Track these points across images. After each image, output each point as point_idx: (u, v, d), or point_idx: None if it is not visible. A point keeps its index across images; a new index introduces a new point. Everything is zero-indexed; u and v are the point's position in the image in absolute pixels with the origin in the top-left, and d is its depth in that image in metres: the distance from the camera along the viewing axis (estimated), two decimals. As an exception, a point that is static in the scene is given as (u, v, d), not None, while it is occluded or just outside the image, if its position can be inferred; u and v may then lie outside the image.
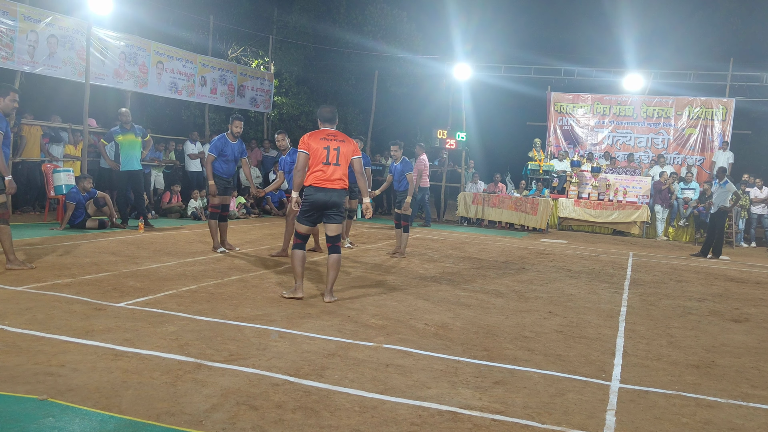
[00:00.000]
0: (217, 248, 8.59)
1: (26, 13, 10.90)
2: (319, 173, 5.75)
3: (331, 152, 5.77)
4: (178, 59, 14.49)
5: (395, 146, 9.25)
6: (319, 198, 5.77)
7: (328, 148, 5.77)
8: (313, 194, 5.77)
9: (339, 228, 5.97)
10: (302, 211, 5.88)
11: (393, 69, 20.60)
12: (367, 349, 4.42)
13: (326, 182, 5.76)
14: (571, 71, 18.41)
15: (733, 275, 9.53)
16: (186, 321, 4.85)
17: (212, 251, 8.55)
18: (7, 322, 4.47)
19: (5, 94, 6.34)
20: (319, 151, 5.76)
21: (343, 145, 5.85)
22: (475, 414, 3.36)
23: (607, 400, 3.70)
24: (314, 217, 5.90)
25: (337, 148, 5.80)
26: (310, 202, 5.81)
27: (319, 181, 5.76)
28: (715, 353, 4.92)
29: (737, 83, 17.13)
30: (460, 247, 10.96)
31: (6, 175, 6.23)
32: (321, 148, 5.76)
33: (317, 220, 5.95)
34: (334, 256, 5.93)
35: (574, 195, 16.00)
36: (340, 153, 5.81)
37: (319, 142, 5.78)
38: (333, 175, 5.77)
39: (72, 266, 6.79)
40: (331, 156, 5.77)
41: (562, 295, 6.96)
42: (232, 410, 3.21)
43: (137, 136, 10.78)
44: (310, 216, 5.88)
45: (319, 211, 5.86)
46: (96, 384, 3.43)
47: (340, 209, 5.91)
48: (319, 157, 5.75)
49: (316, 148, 5.76)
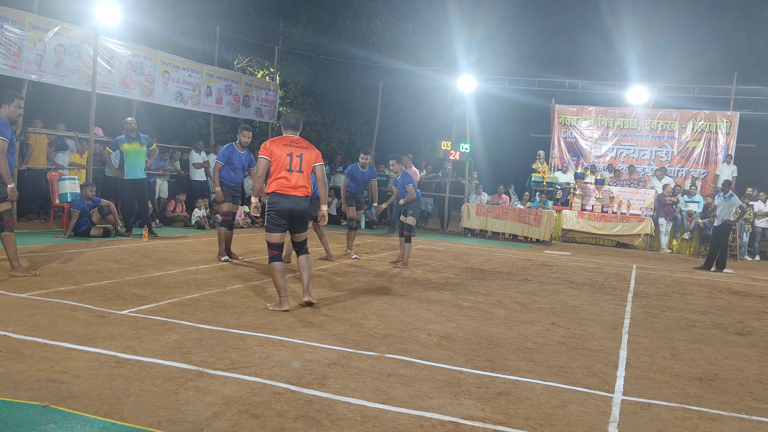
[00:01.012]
0: (222, 256, 8.62)
1: (34, 22, 10.99)
2: (282, 180, 5.77)
3: (294, 159, 5.80)
4: (184, 69, 14.58)
5: (393, 161, 9.38)
6: (285, 205, 5.78)
7: (291, 155, 5.79)
8: (279, 202, 5.77)
9: (306, 235, 6.05)
10: (270, 221, 5.85)
11: (398, 81, 20.67)
12: (369, 358, 4.41)
13: (290, 189, 5.78)
14: (575, 84, 18.45)
15: (736, 288, 9.50)
16: (188, 329, 4.85)
17: (216, 258, 8.58)
18: (11, 329, 4.48)
19: (10, 101, 6.37)
20: (282, 157, 5.77)
21: (306, 152, 5.89)
22: (477, 425, 3.35)
23: (610, 412, 3.69)
24: (283, 225, 5.87)
25: (300, 155, 5.84)
26: (277, 210, 5.79)
27: (282, 188, 5.77)
28: (719, 366, 4.90)
29: (741, 97, 17.14)
30: (464, 258, 10.95)
31: (9, 183, 6.27)
32: (284, 155, 5.78)
33: (286, 227, 5.92)
34: (303, 257, 6.03)
35: (578, 207, 15.99)
36: (303, 160, 5.84)
37: (282, 149, 5.80)
38: (296, 183, 5.80)
39: (76, 274, 6.81)
40: (294, 163, 5.79)
41: (565, 307, 6.95)
42: (234, 418, 3.20)
43: (142, 145, 10.80)
44: (279, 225, 5.85)
45: (287, 218, 5.85)
46: (98, 391, 3.43)
47: (307, 217, 5.97)
48: (282, 163, 5.76)
49: (278, 155, 5.78)
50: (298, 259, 6.06)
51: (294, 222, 5.91)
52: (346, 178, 10.05)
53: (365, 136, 21.06)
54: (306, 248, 6.08)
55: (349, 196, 10.10)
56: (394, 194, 9.95)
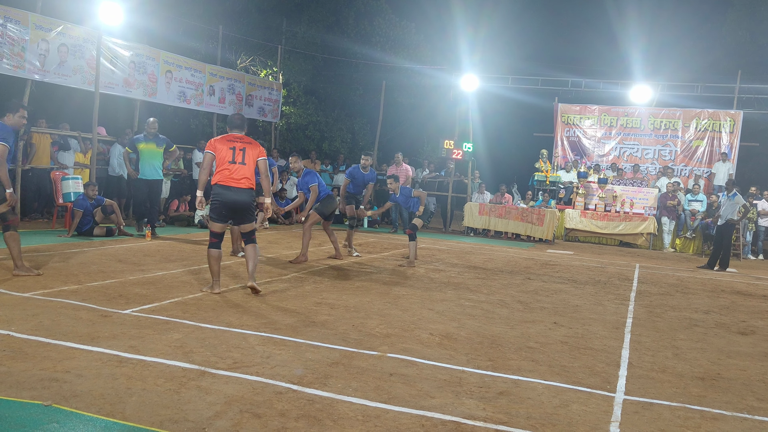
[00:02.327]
0: (237, 253, 8.92)
1: (38, 22, 11.02)
2: (225, 172, 6.07)
3: (237, 152, 6.10)
4: (187, 68, 14.60)
5: (390, 180, 9.59)
6: (228, 196, 6.07)
7: (234, 148, 6.11)
8: (221, 193, 6.08)
9: (252, 226, 6.32)
10: (212, 210, 6.18)
11: (400, 80, 20.67)
12: (371, 358, 4.42)
13: (232, 181, 6.07)
14: (579, 83, 18.43)
15: (740, 288, 9.48)
16: (191, 328, 4.86)
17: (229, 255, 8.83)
18: (14, 328, 4.50)
19: (15, 110, 6.43)
20: (225, 151, 6.08)
21: (249, 146, 6.19)
22: (478, 424, 3.35)
23: (612, 412, 3.69)
24: (225, 216, 6.18)
25: (243, 149, 6.14)
26: (219, 201, 6.08)
27: (224, 179, 6.07)
28: (721, 366, 4.89)
29: (745, 95, 17.11)
30: (466, 257, 10.95)
31: (8, 187, 6.30)
32: (227, 149, 6.09)
33: (227, 218, 6.23)
34: (250, 246, 6.34)
35: (581, 206, 15.97)
36: (246, 153, 6.13)
37: (226, 143, 6.12)
38: (238, 173, 6.07)
39: (79, 273, 6.83)
40: (237, 156, 6.10)
41: (567, 306, 6.94)
42: (236, 418, 3.21)
43: (159, 147, 10.80)
44: (220, 214, 6.14)
45: (229, 209, 6.14)
46: (100, 390, 3.44)
47: (250, 209, 6.22)
48: (225, 157, 6.06)
49: (221, 149, 6.09)
50: (245, 248, 6.38)
51: (237, 213, 6.21)
52: (347, 178, 10.19)
53: (368, 135, 21.07)
54: (253, 238, 6.39)
55: (348, 196, 10.24)
56: (385, 206, 10.38)
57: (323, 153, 20.07)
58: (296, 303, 6.10)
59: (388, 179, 9.58)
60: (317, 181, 8.73)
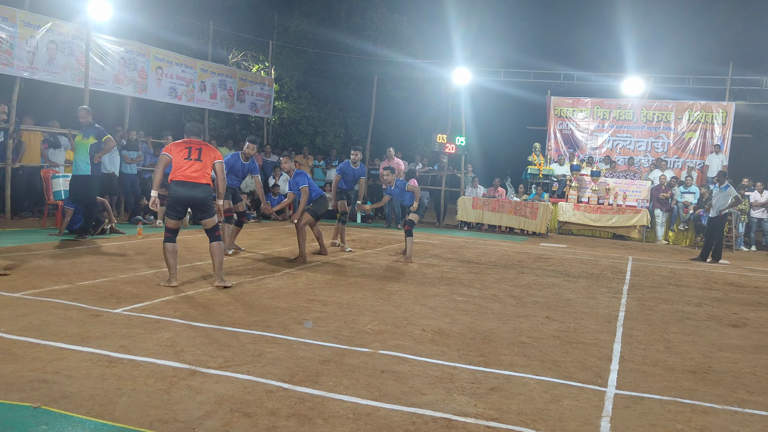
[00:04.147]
0: (228, 249, 8.88)
1: (26, 19, 10.93)
2: (180, 169, 6.24)
3: (193, 152, 6.32)
4: (177, 64, 14.52)
5: (387, 171, 9.55)
6: (182, 193, 6.24)
7: (189, 148, 6.31)
8: (176, 189, 6.24)
9: (213, 221, 6.42)
10: (168, 206, 6.34)
11: (393, 73, 20.60)
12: (362, 355, 4.41)
13: (186, 177, 6.22)
14: (571, 75, 18.42)
15: (732, 279, 9.51)
16: (182, 327, 4.84)
17: None
18: (3, 329, 4.47)
19: None
20: (181, 151, 6.29)
21: (205, 147, 6.39)
22: (469, 421, 3.35)
23: (603, 407, 3.69)
24: (180, 212, 6.36)
25: (198, 149, 6.34)
26: (174, 197, 6.26)
27: (179, 176, 6.24)
28: (712, 359, 4.90)
29: (737, 87, 17.13)
30: (459, 252, 10.95)
31: None
32: (183, 148, 6.30)
33: (182, 214, 6.41)
34: (215, 243, 6.45)
35: (574, 199, 15.99)
36: (201, 153, 6.33)
37: (181, 145, 6.34)
38: (192, 169, 6.24)
39: (69, 272, 6.80)
40: (193, 154, 6.30)
41: (560, 300, 6.95)
42: (226, 417, 3.20)
43: (85, 138, 9.41)
44: (175, 209, 6.32)
45: (183, 205, 6.36)
46: (90, 391, 3.43)
47: (205, 205, 6.33)
48: (181, 156, 6.25)
49: (177, 151, 6.30)
50: (210, 245, 6.47)
51: (194, 209, 6.43)
52: (338, 175, 10.23)
53: (361, 130, 21.01)
54: (218, 235, 6.49)
55: (339, 191, 10.28)
56: (382, 201, 10.27)
57: (316, 148, 20.02)
58: (288, 300, 6.08)
59: (385, 170, 9.57)
60: (308, 182, 8.72)
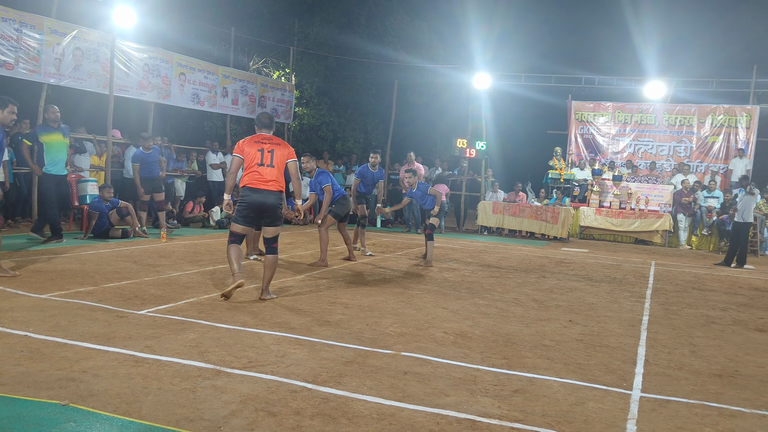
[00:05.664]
0: (249, 255, 8.90)
1: (53, 26, 11.13)
2: (253, 174, 5.95)
3: (266, 154, 5.98)
4: (200, 71, 14.68)
5: (409, 174, 9.64)
6: (255, 199, 5.96)
7: (262, 150, 5.98)
8: (249, 195, 5.96)
9: (276, 231, 6.16)
10: (238, 211, 6.05)
11: (413, 79, 20.64)
12: (385, 356, 4.42)
13: (260, 183, 5.95)
14: (592, 80, 18.28)
15: (757, 284, 9.37)
16: (206, 328, 4.89)
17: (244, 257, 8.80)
18: (32, 329, 4.55)
19: (4, 106, 6.36)
20: (253, 153, 5.95)
21: (277, 148, 6.05)
22: (493, 422, 3.34)
23: (628, 409, 3.66)
24: (250, 218, 6.07)
25: (271, 150, 6.01)
26: (246, 203, 5.97)
27: (253, 182, 5.95)
28: (739, 363, 4.84)
29: (761, 90, 16.88)
30: (480, 256, 10.92)
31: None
32: (255, 151, 5.97)
33: (253, 221, 6.14)
34: (271, 256, 6.17)
35: (596, 204, 15.86)
36: (274, 155, 6.01)
37: (254, 146, 6.00)
38: (267, 176, 5.96)
39: (95, 274, 6.89)
40: (266, 158, 5.97)
41: (582, 304, 6.90)
42: (251, 416, 3.22)
43: (65, 137, 9.49)
44: (246, 217, 6.05)
45: (256, 212, 6.03)
46: (117, 390, 3.47)
47: (276, 212, 6.08)
48: (253, 159, 5.95)
49: (249, 152, 5.97)
50: (266, 257, 6.21)
51: (263, 216, 6.08)
52: (357, 178, 10.31)
53: (381, 135, 21.07)
54: (275, 247, 6.21)
55: (359, 195, 10.32)
56: (403, 202, 10.32)
57: (336, 153, 20.10)
58: (310, 303, 6.11)
59: (407, 173, 9.64)
60: (331, 181, 8.66)
